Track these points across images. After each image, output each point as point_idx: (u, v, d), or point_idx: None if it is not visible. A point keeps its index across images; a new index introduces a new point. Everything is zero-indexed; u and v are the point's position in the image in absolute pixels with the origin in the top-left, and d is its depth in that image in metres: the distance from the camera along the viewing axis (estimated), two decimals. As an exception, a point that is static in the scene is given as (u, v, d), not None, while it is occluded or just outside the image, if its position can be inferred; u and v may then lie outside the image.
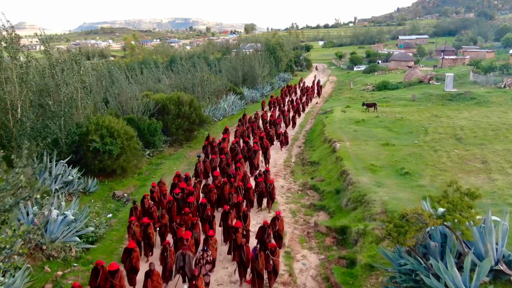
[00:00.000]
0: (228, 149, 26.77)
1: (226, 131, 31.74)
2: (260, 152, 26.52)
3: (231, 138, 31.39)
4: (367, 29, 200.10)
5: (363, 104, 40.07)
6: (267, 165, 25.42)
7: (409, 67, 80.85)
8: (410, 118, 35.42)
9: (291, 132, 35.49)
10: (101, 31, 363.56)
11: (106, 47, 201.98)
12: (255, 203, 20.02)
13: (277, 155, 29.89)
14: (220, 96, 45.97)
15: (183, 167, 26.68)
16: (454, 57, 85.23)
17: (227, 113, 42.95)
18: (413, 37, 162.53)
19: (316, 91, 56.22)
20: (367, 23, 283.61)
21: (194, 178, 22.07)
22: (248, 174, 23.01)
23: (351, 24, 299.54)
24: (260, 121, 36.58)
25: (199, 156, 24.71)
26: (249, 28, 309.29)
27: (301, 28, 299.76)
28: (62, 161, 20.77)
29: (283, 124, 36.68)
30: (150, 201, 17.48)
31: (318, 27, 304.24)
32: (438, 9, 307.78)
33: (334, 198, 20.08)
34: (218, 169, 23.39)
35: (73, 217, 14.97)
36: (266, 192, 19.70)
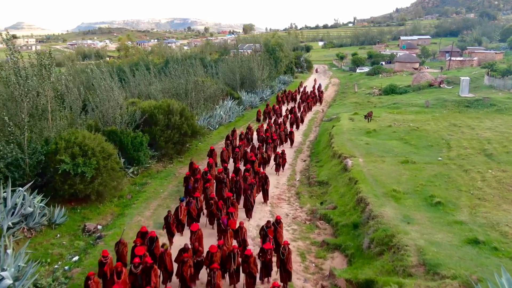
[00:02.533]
0: (214, 181, 21.41)
1: (211, 153, 25.56)
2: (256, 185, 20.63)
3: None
4: (368, 29, 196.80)
5: (365, 117, 35.96)
6: (266, 200, 20.93)
7: (415, 69, 77.41)
8: (426, 128, 31.87)
9: (289, 152, 30.12)
10: (99, 31, 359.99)
11: (102, 48, 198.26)
12: (258, 278, 13.41)
13: (280, 172, 26.33)
14: (216, 102, 42.39)
15: (172, 188, 23.05)
16: (461, 58, 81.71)
17: (224, 121, 39.35)
18: (415, 37, 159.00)
19: (317, 97, 51.90)
20: (366, 23, 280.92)
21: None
22: (245, 226, 15.48)
23: (350, 25, 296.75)
24: (255, 136, 32.26)
25: (182, 200, 17.86)
26: (248, 28, 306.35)
27: (300, 29, 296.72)
28: (21, 188, 17.10)
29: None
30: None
31: (317, 27, 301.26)
32: (438, 10, 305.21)
33: (352, 235, 16.45)
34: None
35: (11, 281, 11.25)
36: (278, 260, 13.51)
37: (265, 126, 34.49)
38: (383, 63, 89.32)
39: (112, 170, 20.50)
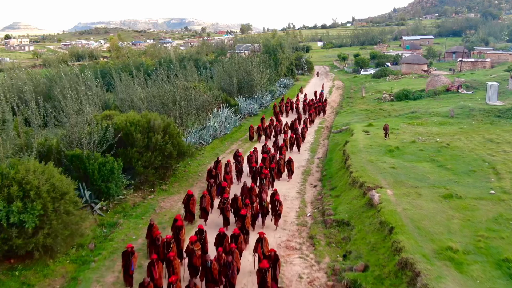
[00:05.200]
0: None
1: (188, 201, 18.34)
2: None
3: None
4: (368, 29, 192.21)
5: (385, 132, 29.60)
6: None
7: (424, 71, 72.46)
8: (458, 144, 26.79)
9: (295, 175, 25.28)
10: (95, 32, 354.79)
11: (96, 48, 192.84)
12: None
13: (287, 202, 21.25)
14: (210, 110, 37.22)
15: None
16: (473, 59, 76.59)
17: (219, 133, 34.19)
18: (418, 37, 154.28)
19: (320, 107, 44.93)
20: (365, 23, 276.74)
21: None
22: None
23: (349, 24, 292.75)
24: (246, 163, 25.64)
25: None
26: (245, 28, 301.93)
27: (298, 28, 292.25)
28: None
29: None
30: None
31: (315, 27, 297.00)
32: (437, 9, 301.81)
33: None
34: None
35: None
36: None
37: (259, 148, 28.58)
38: (389, 64, 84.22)
39: (66, 215, 15.31)
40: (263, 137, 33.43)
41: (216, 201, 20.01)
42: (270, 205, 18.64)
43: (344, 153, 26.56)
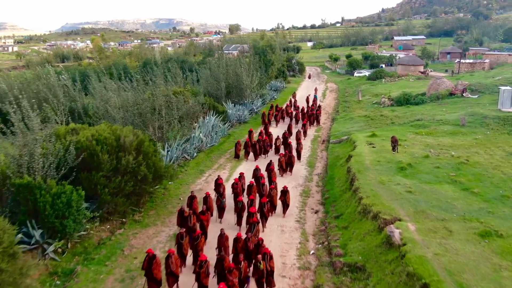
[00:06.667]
0: None
1: (151, 260, 13.58)
2: None
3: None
4: (359, 29, 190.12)
5: (393, 149, 25.85)
6: None
7: (422, 72, 69.49)
8: (478, 160, 23.45)
9: (293, 195, 22.26)
10: (82, 32, 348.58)
11: (82, 49, 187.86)
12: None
13: (285, 235, 17.70)
14: (196, 119, 33.50)
15: (113, 285, 14.14)
16: (471, 60, 73.68)
17: (205, 145, 30.47)
18: (409, 37, 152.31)
19: (313, 115, 40.07)
20: (354, 23, 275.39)
21: None
22: None
23: (338, 24, 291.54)
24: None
25: None
26: (234, 28, 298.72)
27: (287, 29, 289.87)
28: None
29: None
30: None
31: (304, 27, 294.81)
32: (425, 9, 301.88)
33: None
34: None
35: None
36: None
37: (246, 169, 24.46)
38: (383, 65, 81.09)
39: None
40: (251, 154, 28.67)
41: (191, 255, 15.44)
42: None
43: (348, 171, 23.02)
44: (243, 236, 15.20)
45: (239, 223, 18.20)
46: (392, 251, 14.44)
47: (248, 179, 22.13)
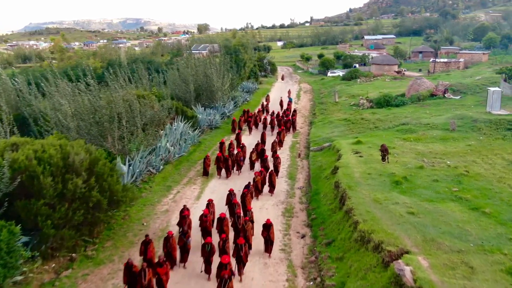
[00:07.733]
0: None
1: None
2: None
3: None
4: (329, 28, 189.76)
5: (383, 159, 23.01)
6: None
7: (397, 72, 67.94)
8: (478, 170, 21.12)
9: (274, 216, 19.84)
10: (46, 32, 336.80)
11: (45, 49, 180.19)
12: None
13: (269, 270, 14.79)
14: (162, 126, 30.17)
15: None
16: (446, 60, 72.66)
17: (172, 156, 27.23)
18: (379, 37, 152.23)
19: (289, 121, 36.69)
20: (323, 22, 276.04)
21: None
22: None
23: (307, 24, 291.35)
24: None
25: None
26: (203, 28, 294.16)
27: (257, 28, 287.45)
28: None
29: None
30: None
31: (274, 27, 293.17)
32: (392, 9, 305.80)
33: None
34: None
35: None
36: None
37: (217, 190, 21.39)
38: (357, 65, 79.32)
39: None
40: (223, 170, 25.07)
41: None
42: None
43: (337, 186, 20.28)
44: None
45: (207, 271, 14.42)
46: (405, 296, 11.72)
47: (220, 205, 18.89)
